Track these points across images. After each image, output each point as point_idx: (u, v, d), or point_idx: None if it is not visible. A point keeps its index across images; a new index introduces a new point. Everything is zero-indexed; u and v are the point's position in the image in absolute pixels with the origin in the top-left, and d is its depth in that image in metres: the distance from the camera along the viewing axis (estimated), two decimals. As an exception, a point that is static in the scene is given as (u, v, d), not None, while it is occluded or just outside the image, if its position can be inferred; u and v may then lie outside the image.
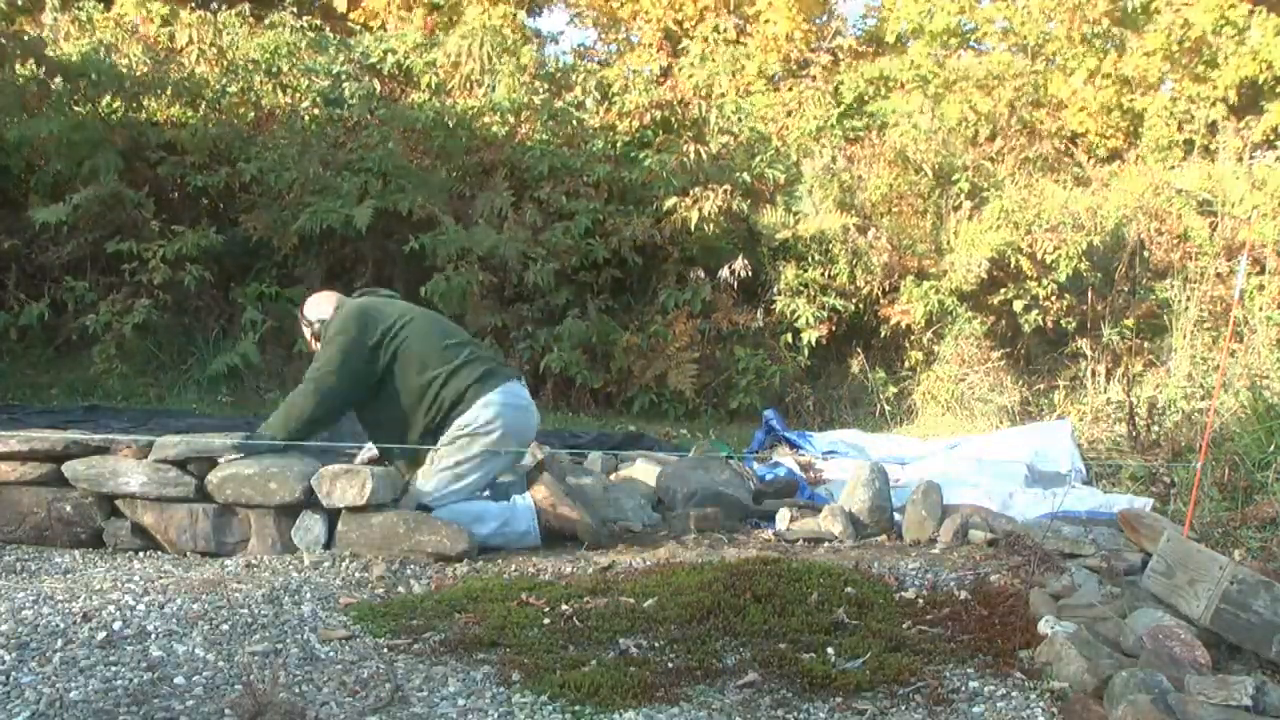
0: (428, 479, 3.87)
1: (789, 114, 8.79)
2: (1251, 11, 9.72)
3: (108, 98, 7.06)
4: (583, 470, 4.81)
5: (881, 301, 7.47)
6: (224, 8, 8.06)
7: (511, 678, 2.62)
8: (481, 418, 3.87)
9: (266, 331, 6.76)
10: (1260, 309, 6.91)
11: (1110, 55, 10.20)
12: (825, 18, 11.75)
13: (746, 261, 7.23)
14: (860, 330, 7.67)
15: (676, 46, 10.33)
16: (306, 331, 4.23)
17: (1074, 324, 7.24)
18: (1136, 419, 6.04)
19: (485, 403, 3.88)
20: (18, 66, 6.72)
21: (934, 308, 7.23)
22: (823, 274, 7.42)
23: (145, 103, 7.20)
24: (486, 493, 4.02)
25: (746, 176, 7.82)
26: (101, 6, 7.89)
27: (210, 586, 3.22)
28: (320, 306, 4.18)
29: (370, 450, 4.10)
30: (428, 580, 3.45)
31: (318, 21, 8.76)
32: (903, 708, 2.51)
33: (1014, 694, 2.59)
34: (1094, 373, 7.03)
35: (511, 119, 7.83)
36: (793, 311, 7.14)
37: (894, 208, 7.99)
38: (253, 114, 7.60)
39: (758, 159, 8.13)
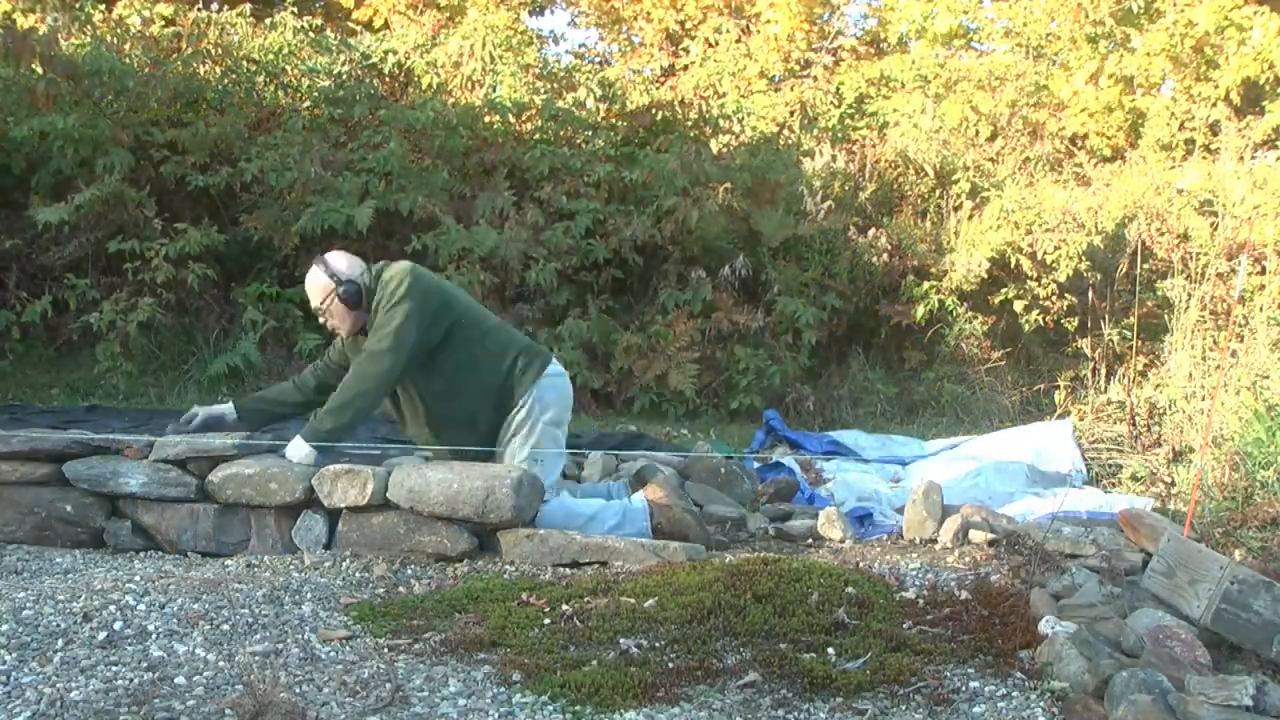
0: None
1: (790, 113, 8.79)
2: (1256, 12, 9.71)
3: (110, 96, 7.06)
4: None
5: (882, 301, 7.47)
6: (225, 8, 8.06)
7: (512, 678, 2.62)
8: (535, 395, 3.85)
9: (267, 332, 6.75)
10: (1260, 309, 6.90)
11: (1113, 55, 10.18)
12: (827, 17, 11.76)
13: (747, 261, 7.23)
14: (860, 330, 7.66)
15: (678, 46, 10.33)
16: (321, 293, 3.85)
17: (1075, 324, 7.24)
18: (1137, 419, 6.04)
19: (546, 384, 3.87)
20: (27, 66, 6.70)
21: (934, 307, 7.24)
22: (823, 274, 7.43)
23: (147, 101, 7.19)
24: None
25: (747, 176, 7.81)
26: (102, 6, 7.88)
27: (211, 586, 3.22)
28: (347, 263, 3.88)
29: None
30: (428, 580, 3.45)
31: (319, 21, 8.76)
32: (903, 708, 2.51)
33: (1014, 694, 2.60)
34: (1095, 372, 7.03)
35: (513, 119, 7.82)
36: (793, 311, 7.13)
37: (894, 208, 8.00)
38: (254, 114, 7.59)
39: (758, 158, 8.12)
